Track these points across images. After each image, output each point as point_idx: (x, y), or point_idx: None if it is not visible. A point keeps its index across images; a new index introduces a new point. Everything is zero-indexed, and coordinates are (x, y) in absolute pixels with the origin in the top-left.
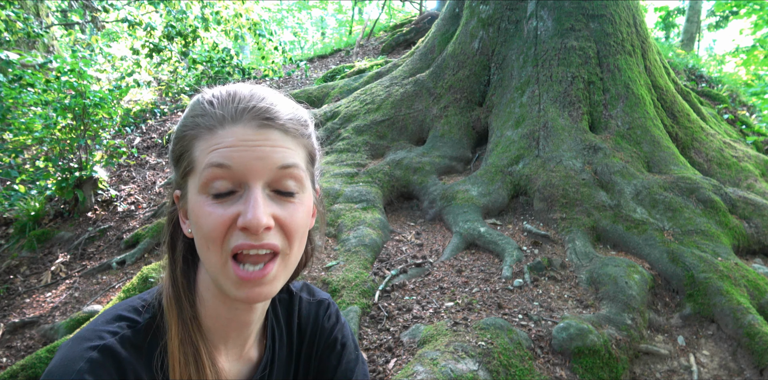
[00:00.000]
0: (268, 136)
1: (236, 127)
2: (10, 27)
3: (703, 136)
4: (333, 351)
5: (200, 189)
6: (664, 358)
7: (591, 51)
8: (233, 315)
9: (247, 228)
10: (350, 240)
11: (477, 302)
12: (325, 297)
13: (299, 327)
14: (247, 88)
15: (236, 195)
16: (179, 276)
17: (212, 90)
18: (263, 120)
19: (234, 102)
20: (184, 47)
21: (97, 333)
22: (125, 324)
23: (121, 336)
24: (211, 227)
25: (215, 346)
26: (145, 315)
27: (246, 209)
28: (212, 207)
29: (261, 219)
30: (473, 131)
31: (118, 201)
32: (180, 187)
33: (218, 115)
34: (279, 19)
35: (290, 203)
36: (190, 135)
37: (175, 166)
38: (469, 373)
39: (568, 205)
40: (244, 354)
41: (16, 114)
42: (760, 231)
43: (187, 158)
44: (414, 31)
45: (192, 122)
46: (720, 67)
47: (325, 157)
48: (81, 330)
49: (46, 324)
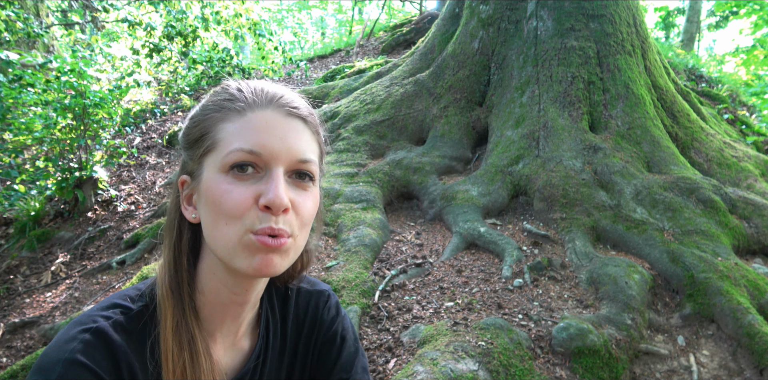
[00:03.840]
0: (293, 124)
1: (266, 112)
2: (10, 27)
3: (703, 136)
4: (333, 345)
5: (222, 168)
6: (664, 358)
7: (591, 51)
8: (230, 302)
9: (269, 207)
10: (350, 240)
11: (477, 302)
12: (325, 288)
13: (296, 318)
14: (269, 83)
15: (258, 175)
16: (184, 263)
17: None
18: (290, 108)
19: (262, 91)
20: (184, 47)
21: (91, 317)
22: (119, 311)
23: (114, 321)
24: (233, 203)
25: (210, 334)
26: (138, 303)
27: (268, 189)
28: (233, 184)
29: (284, 198)
30: (473, 131)
31: (118, 201)
32: (190, 170)
33: (249, 99)
34: (279, 19)
35: (304, 191)
36: (215, 117)
37: (189, 149)
38: (469, 373)
39: (568, 205)
40: (236, 343)
41: (16, 114)
42: (760, 231)
43: (209, 139)
44: (414, 31)
45: (218, 105)
46: (720, 67)
47: (325, 157)
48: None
49: (46, 324)
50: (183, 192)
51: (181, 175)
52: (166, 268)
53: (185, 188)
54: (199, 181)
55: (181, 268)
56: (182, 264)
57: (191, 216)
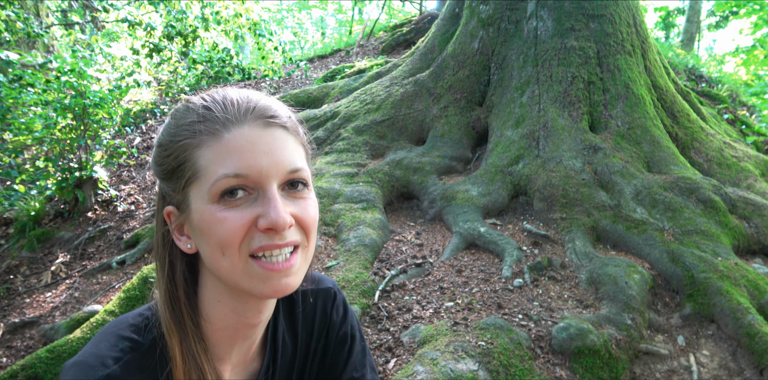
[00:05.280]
0: (275, 134)
1: (243, 129)
2: (10, 27)
3: (703, 136)
4: (344, 345)
5: (210, 198)
6: (664, 358)
7: (591, 51)
8: (240, 326)
9: (272, 229)
10: (350, 240)
11: (477, 302)
12: (330, 286)
13: (305, 320)
14: (235, 91)
15: (250, 197)
16: (181, 296)
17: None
18: (267, 118)
19: (232, 104)
20: (184, 47)
21: (100, 359)
22: (128, 347)
23: (126, 362)
24: (230, 232)
25: (221, 358)
26: (147, 335)
27: (267, 211)
28: (226, 212)
29: (285, 218)
30: (473, 131)
31: (118, 201)
32: (176, 202)
33: (221, 117)
34: (279, 19)
35: (302, 200)
36: (189, 144)
37: (168, 180)
38: (469, 373)
39: (568, 205)
40: (248, 360)
41: (16, 114)
42: (760, 231)
43: (189, 169)
44: (414, 31)
45: (188, 130)
46: (720, 67)
47: (325, 157)
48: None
49: (46, 324)
50: (172, 224)
51: (165, 206)
52: (165, 302)
53: (174, 220)
54: (188, 213)
55: (179, 302)
56: (180, 298)
57: (186, 246)
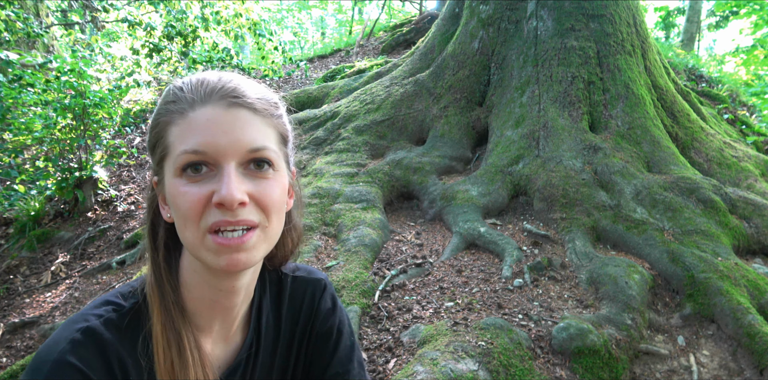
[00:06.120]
0: (238, 115)
1: (206, 108)
2: (10, 27)
3: (703, 136)
4: (330, 338)
5: (176, 173)
6: (664, 358)
7: (591, 51)
8: (217, 298)
9: (222, 204)
10: (350, 240)
11: (477, 302)
12: (321, 277)
13: (292, 306)
14: (215, 73)
15: (210, 174)
16: (161, 261)
17: (183, 79)
18: (232, 98)
19: (203, 85)
20: (184, 47)
21: (83, 316)
22: (111, 308)
23: (106, 319)
24: (188, 205)
25: (202, 329)
26: (130, 300)
27: (220, 186)
28: (187, 186)
29: (235, 194)
30: (473, 131)
31: (118, 201)
32: (157, 173)
33: (188, 98)
34: (279, 19)
35: (264, 179)
36: (164, 121)
37: (151, 154)
38: (469, 373)
39: (568, 205)
40: (230, 336)
41: (16, 114)
42: (760, 231)
43: (162, 144)
44: (414, 31)
45: (164, 109)
46: (720, 67)
47: (325, 156)
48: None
49: (46, 324)
50: (157, 192)
51: (153, 176)
52: (149, 266)
53: (158, 189)
54: (163, 185)
55: (159, 267)
56: (160, 264)
57: (167, 216)
